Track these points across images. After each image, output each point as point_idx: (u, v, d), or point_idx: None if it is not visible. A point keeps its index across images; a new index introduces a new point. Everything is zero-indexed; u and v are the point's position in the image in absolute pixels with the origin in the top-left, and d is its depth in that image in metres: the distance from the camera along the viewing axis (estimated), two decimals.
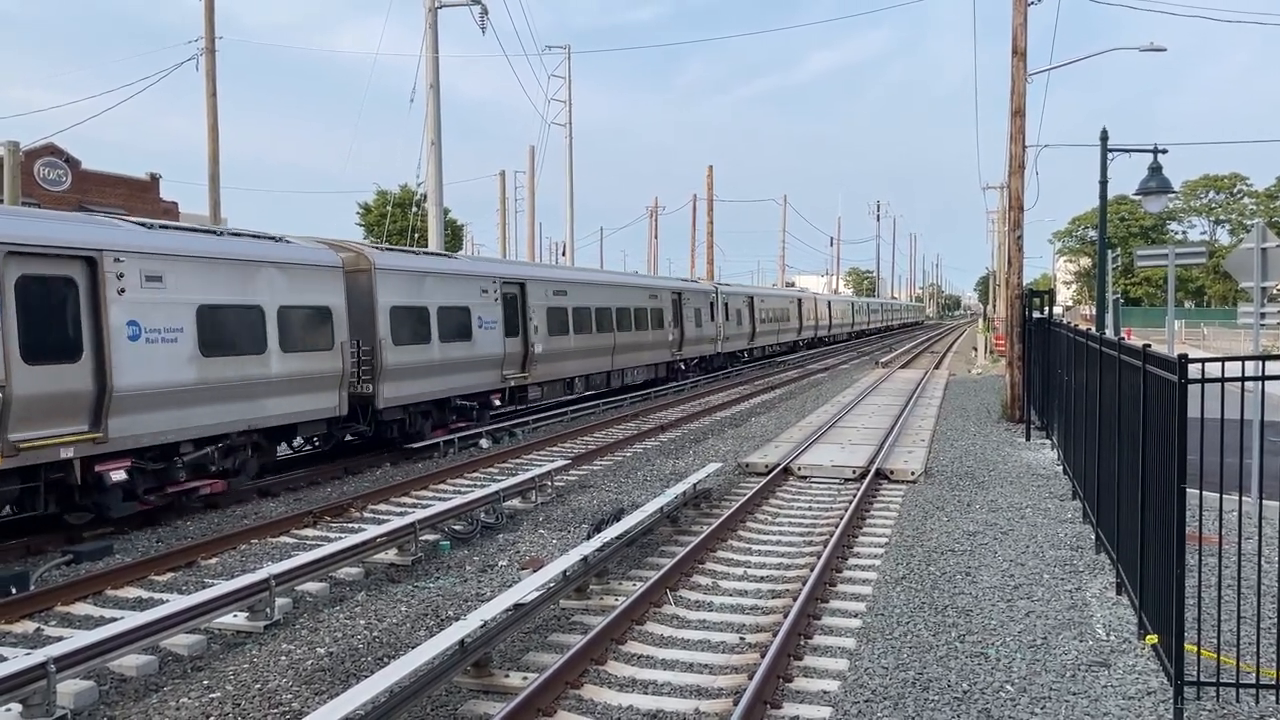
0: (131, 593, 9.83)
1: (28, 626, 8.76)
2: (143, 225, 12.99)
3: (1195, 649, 7.16)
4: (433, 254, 20.06)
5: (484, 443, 19.68)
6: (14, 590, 9.60)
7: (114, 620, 8.32)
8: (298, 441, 16.22)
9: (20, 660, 6.63)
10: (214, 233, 14.62)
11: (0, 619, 8.77)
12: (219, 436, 13.52)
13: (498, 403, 21.08)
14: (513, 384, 21.28)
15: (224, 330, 13.40)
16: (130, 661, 7.54)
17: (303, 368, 14.68)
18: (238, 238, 14.48)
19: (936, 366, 43.31)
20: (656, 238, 75.11)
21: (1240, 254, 13.18)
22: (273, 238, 15.09)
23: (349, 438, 17.79)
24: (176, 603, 7.98)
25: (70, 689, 6.89)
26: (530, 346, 21.91)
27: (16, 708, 6.59)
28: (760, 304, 46.01)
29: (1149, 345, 7.66)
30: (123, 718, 6.79)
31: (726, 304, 39.60)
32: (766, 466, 16.11)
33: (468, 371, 19.51)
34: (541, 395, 23.38)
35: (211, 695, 7.16)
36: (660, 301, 31.62)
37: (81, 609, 9.30)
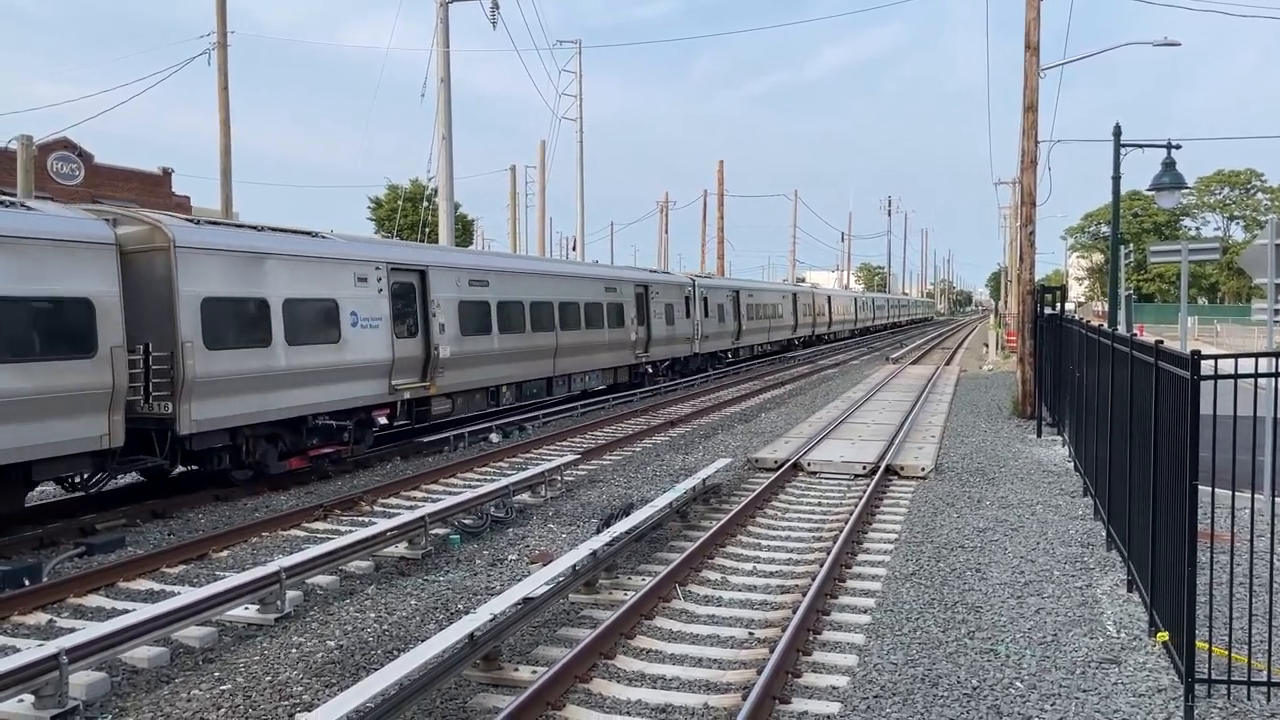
0: (143, 585, 9.88)
1: (40, 618, 8.81)
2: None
3: (1206, 646, 7.13)
4: (283, 231, 15.63)
5: (494, 437, 19.72)
6: (27, 582, 9.67)
7: (126, 612, 8.37)
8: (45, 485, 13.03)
9: (33, 651, 6.67)
10: None
11: (13, 610, 8.82)
12: None
13: (384, 420, 17.10)
14: (408, 396, 17.40)
15: None
16: (142, 653, 7.57)
17: (36, 384, 10.93)
18: None
19: (948, 363, 43.19)
20: (667, 232, 75.05)
21: (1254, 250, 13.09)
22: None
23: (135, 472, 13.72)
24: (188, 595, 8.02)
25: (82, 680, 6.93)
26: (433, 349, 17.88)
27: (29, 698, 6.64)
28: (748, 299, 41.79)
29: (1161, 341, 7.62)
30: (134, 709, 6.83)
31: (706, 298, 35.58)
32: (776, 462, 16.10)
33: (335, 382, 15.55)
34: (453, 409, 19.11)
35: (222, 687, 7.20)
36: (620, 295, 27.44)
37: (94, 601, 9.35)
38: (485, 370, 20.07)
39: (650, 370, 30.09)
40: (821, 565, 9.84)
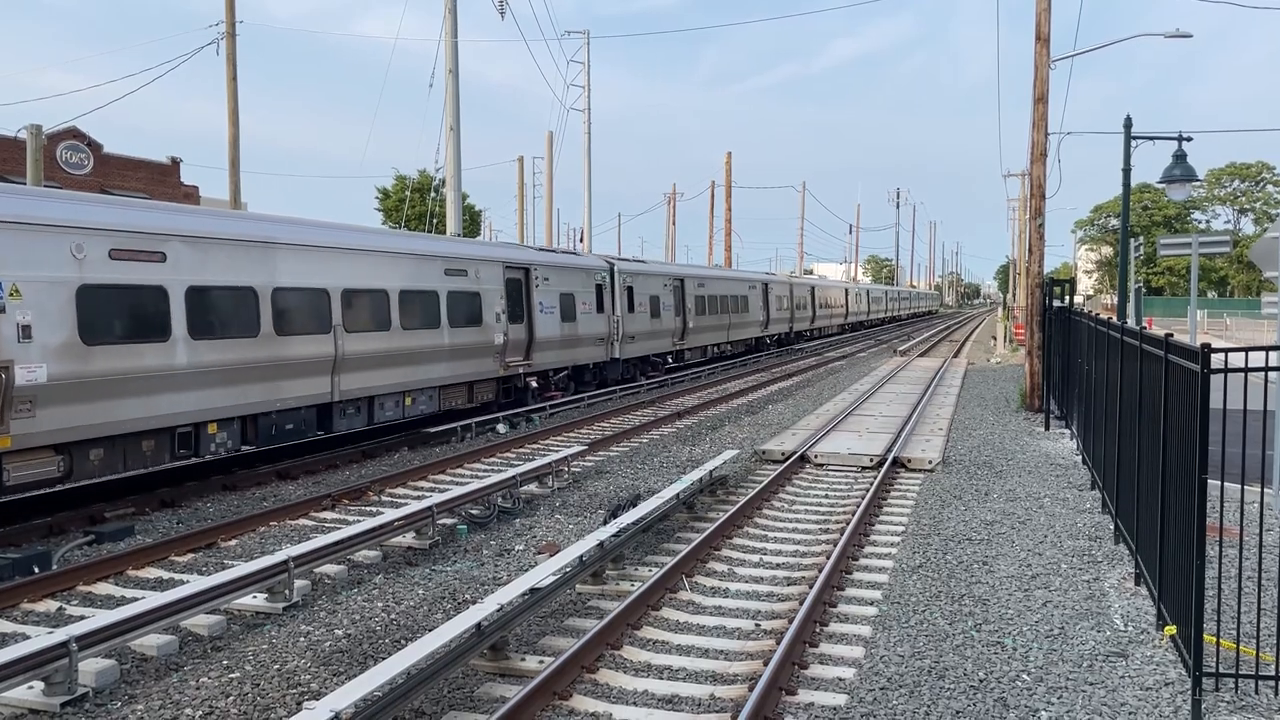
0: (152, 573, 9.92)
1: (50, 605, 8.86)
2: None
3: (1214, 640, 7.12)
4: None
5: (501, 428, 19.74)
6: (37, 569, 9.72)
7: (135, 600, 8.41)
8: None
9: (43, 639, 6.70)
10: None
11: (23, 598, 8.87)
12: None
13: None
14: None
15: None
16: (151, 641, 7.61)
17: None
18: None
19: (955, 355, 43.10)
20: (674, 224, 74.97)
21: (1265, 243, 13.03)
22: None
23: None
24: (196, 583, 8.05)
25: (92, 668, 6.96)
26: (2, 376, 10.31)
27: (39, 685, 6.68)
28: (698, 289, 33.94)
29: (1171, 334, 7.60)
30: (143, 696, 6.86)
31: (631, 288, 27.55)
32: (783, 454, 16.09)
33: None
34: (62, 471, 11.30)
35: (231, 675, 7.23)
36: (475, 281, 19.49)
37: (103, 589, 9.39)
38: (152, 399, 12.13)
39: (535, 384, 22.28)
40: (828, 557, 9.84)
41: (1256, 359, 6.76)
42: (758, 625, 8.28)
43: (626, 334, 26.98)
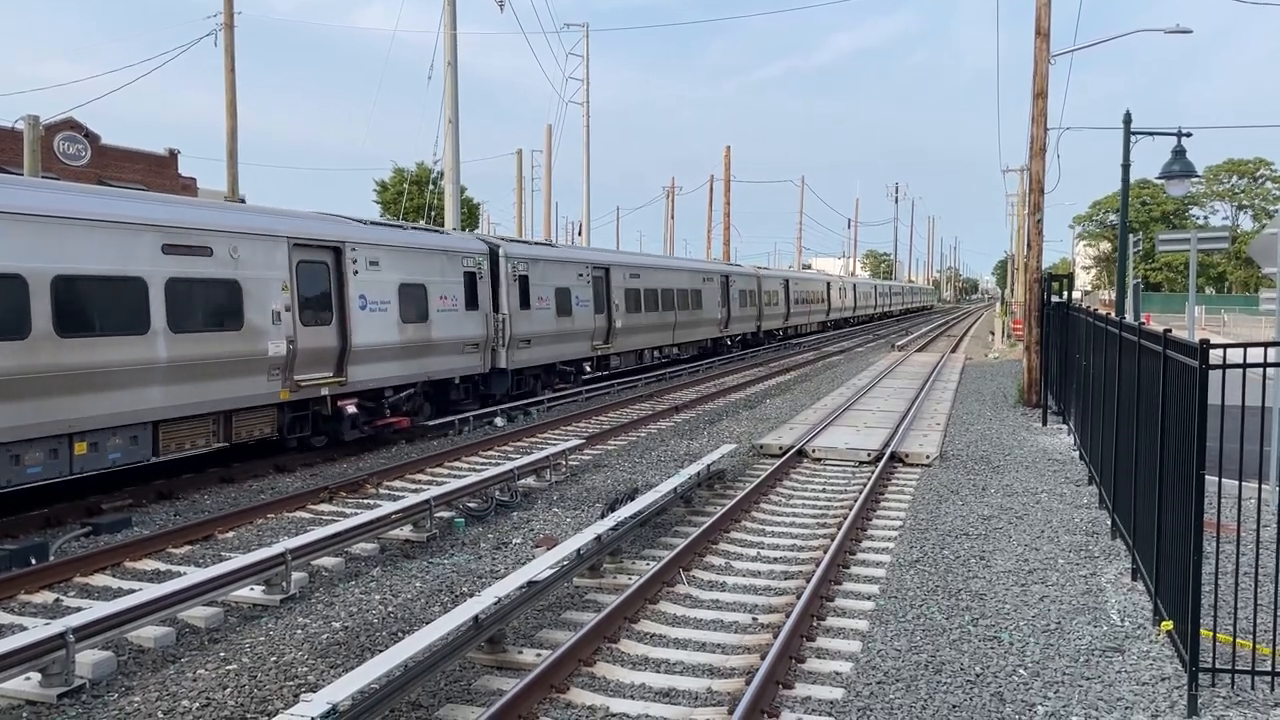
0: (149, 565, 9.92)
1: (47, 597, 8.85)
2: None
3: (1211, 635, 7.13)
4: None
5: (499, 421, 19.74)
6: (34, 561, 9.71)
7: (132, 592, 8.39)
8: None
9: (40, 630, 6.70)
10: None
11: (20, 589, 8.87)
12: None
13: None
14: None
15: None
16: (148, 633, 7.61)
17: None
18: None
19: (953, 350, 43.12)
20: (673, 218, 74.94)
21: (1263, 240, 13.03)
22: None
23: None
24: (194, 575, 8.05)
25: (89, 659, 6.96)
26: None
27: (36, 676, 6.68)
28: (630, 281, 27.73)
29: (1170, 330, 7.60)
30: (140, 688, 6.86)
31: (525, 279, 21.39)
32: (781, 448, 16.10)
33: None
34: None
35: (228, 667, 7.23)
36: (235, 265, 13.58)
37: (100, 580, 9.39)
38: None
39: (354, 410, 15.97)
40: (826, 551, 9.85)
41: (1255, 355, 6.76)
42: (755, 619, 8.28)
43: (518, 337, 20.70)
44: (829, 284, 60.49)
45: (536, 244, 24.92)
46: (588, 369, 25.76)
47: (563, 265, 23.78)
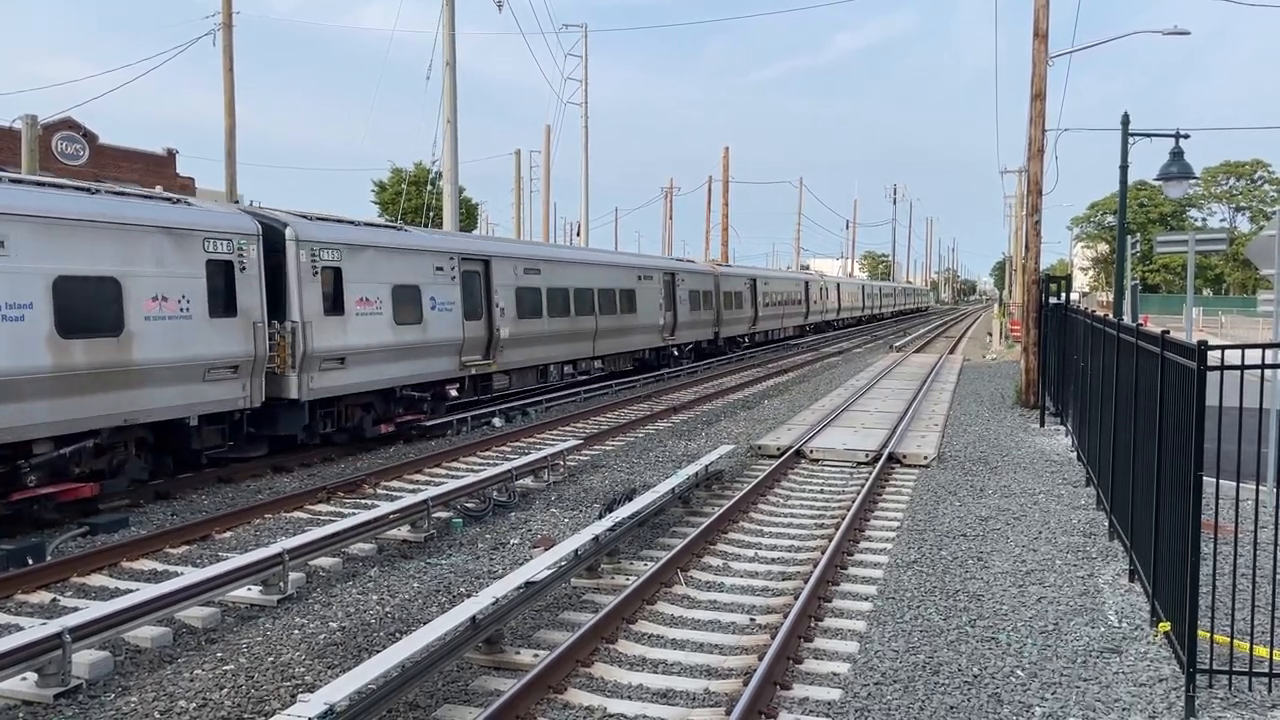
0: (146, 565, 9.90)
1: (44, 597, 8.84)
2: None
3: (1208, 636, 7.13)
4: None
5: (497, 421, 19.73)
6: (31, 561, 9.70)
7: (129, 592, 8.37)
8: None
9: (36, 630, 6.69)
10: None
11: (17, 589, 8.85)
12: None
13: None
14: None
15: None
16: (145, 633, 7.60)
17: None
18: None
19: (951, 351, 43.16)
20: (672, 218, 74.95)
21: (1261, 241, 13.04)
22: None
23: None
24: (191, 575, 8.04)
25: (85, 659, 6.95)
26: None
27: (33, 676, 6.67)
28: (521, 278, 21.61)
29: (1167, 332, 7.60)
30: (137, 688, 6.85)
31: (338, 273, 15.90)
32: (779, 449, 16.10)
33: None
34: None
35: (225, 667, 7.22)
36: None
37: (97, 580, 9.38)
38: None
39: None
40: (823, 552, 9.85)
41: (1253, 356, 6.76)
42: (753, 620, 8.28)
43: (321, 354, 15.16)
44: (807, 284, 54.30)
45: (363, 225, 17.65)
46: (454, 393, 19.45)
47: (407, 255, 17.54)
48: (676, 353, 32.49)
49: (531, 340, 21.83)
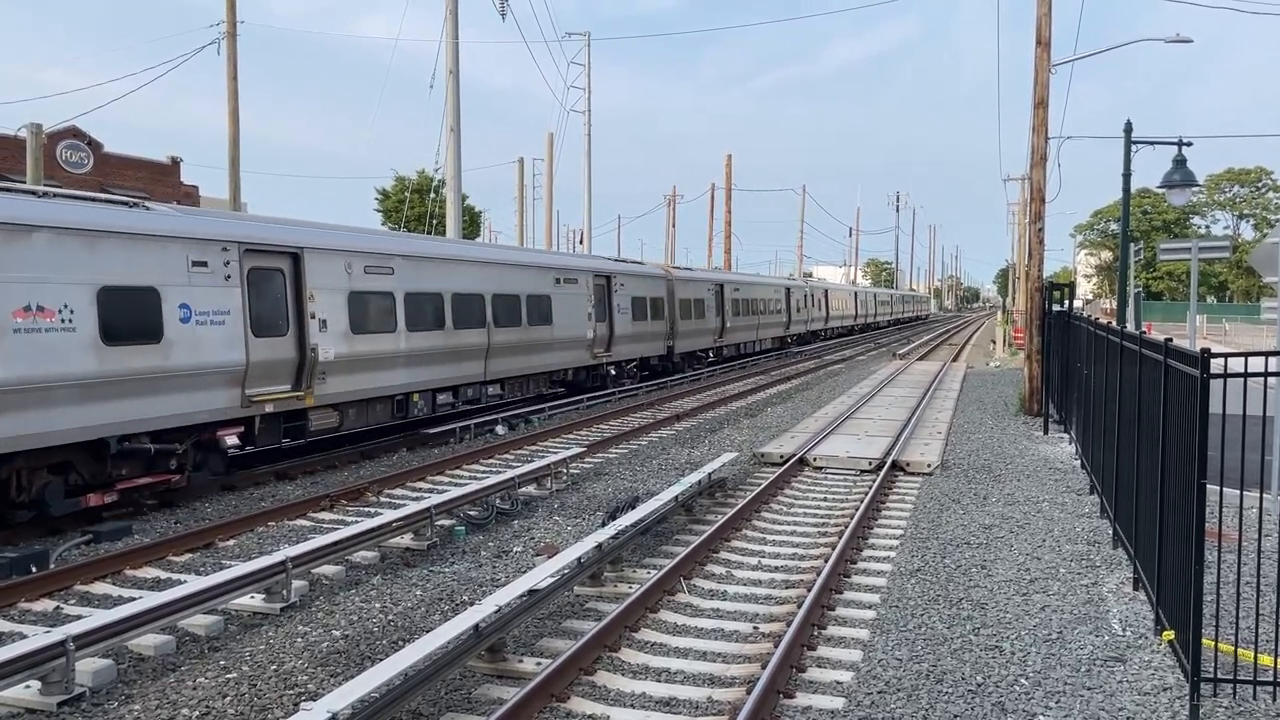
0: (150, 573, 9.91)
1: (47, 605, 8.85)
2: None
3: (1213, 645, 7.11)
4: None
5: (500, 429, 19.73)
6: (34, 569, 9.70)
7: (132, 600, 8.38)
8: None
9: (40, 638, 6.70)
10: None
11: (20, 597, 8.86)
12: None
13: None
14: None
15: None
16: (148, 641, 7.60)
17: None
18: None
19: (954, 359, 43.14)
20: (674, 226, 74.99)
21: (1264, 249, 13.04)
22: None
23: None
24: (194, 583, 8.04)
25: (89, 667, 6.95)
26: None
27: (36, 684, 6.67)
28: (409, 283, 17.44)
29: (1171, 339, 7.60)
30: (140, 696, 6.85)
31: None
32: (782, 457, 16.09)
33: None
34: None
35: (228, 675, 7.22)
36: None
37: (100, 588, 9.38)
38: None
39: None
40: (826, 560, 9.84)
41: (1256, 364, 6.75)
42: (756, 628, 8.27)
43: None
44: (789, 290, 48.53)
45: (47, 194, 11.94)
46: (233, 441, 13.77)
47: (133, 244, 12.07)
48: (614, 372, 26.81)
49: (378, 362, 16.37)
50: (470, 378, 19.53)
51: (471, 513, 11.97)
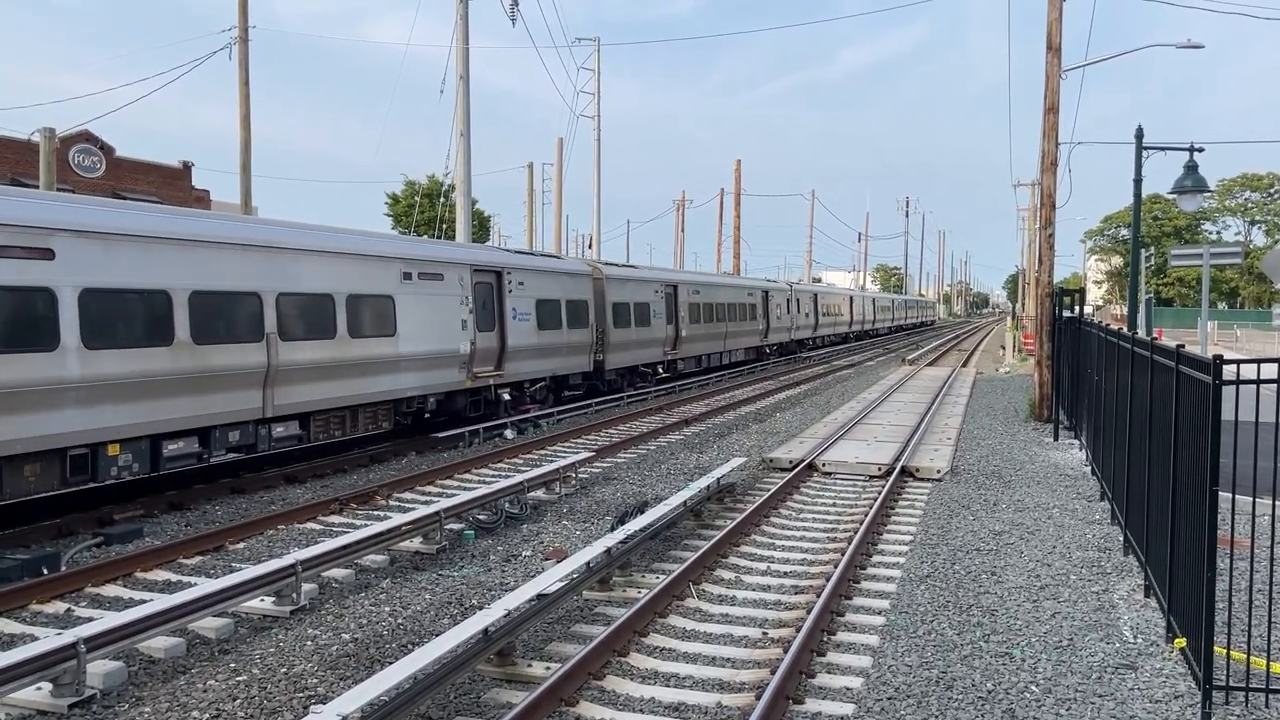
0: (160, 575, 9.94)
1: (58, 607, 8.88)
2: None
3: (1224, 652, 7.08)
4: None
5: (509, 433, 19.75)
6: (45, 571, 9.74)
7: (143, 602, 8.42)
8: None
9: (51, 640, 6.72)
10: None
11: (32, 599, 8.89)
12: None
13: None
14: None
15: None
16: (159, 643, 7.62)
17: None
18: None
19: (964, 365, 43.02)
20: (683, 231, 75.02)
21: (1276, 255, 13.00)
22: None
23: None
24: (204, 586, 8.06)
25: (99, 669, 6.98)
26: None
27: (47, 686, 6.70)
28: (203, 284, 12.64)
29: (1182, 346, 7.57)
30: (150, 699, 6.87)
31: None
32: (791, 462, 16.07)
33: None
34: None
35: (238, 678, 7.24)
36: None
37: (111, 590, 9.41)
38: None
39: None
40: (836, 566, 9.81)
41: (1268, 370, 6.72)
42: (765, 633, 8.26)
43: None
44: (766, 293, 42.29)
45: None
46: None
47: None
48: (509, 396, 21.11)
49: (50, 399, 10.86)
50: (242, 412, 13.62)
51: (481, 517, 11.99)
